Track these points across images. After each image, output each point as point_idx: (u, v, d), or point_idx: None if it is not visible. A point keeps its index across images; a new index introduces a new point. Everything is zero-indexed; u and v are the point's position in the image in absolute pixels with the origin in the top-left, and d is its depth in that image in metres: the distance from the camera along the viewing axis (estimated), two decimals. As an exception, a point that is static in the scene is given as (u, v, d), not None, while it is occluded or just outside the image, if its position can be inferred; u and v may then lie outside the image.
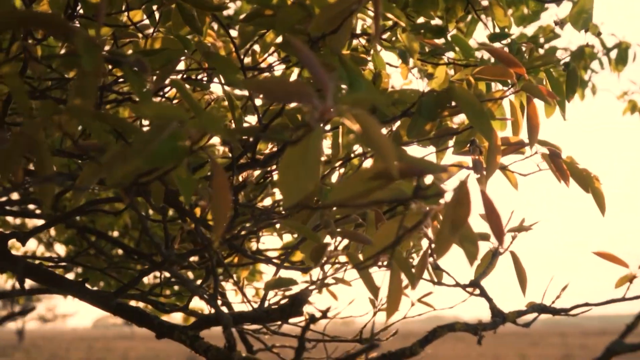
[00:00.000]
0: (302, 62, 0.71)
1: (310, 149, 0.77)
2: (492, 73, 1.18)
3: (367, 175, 0.83)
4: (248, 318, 1.11)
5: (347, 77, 0.98)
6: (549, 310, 1.12)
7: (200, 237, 1.07)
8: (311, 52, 0.71)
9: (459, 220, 0.75)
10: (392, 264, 0.96)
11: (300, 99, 0.70)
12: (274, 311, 1.08)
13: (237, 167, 1.20)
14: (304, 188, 0.78)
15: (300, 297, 1.03)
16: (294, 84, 0.70)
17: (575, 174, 1.42)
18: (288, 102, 1.03)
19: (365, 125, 0.71)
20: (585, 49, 2.69)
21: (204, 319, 1.15)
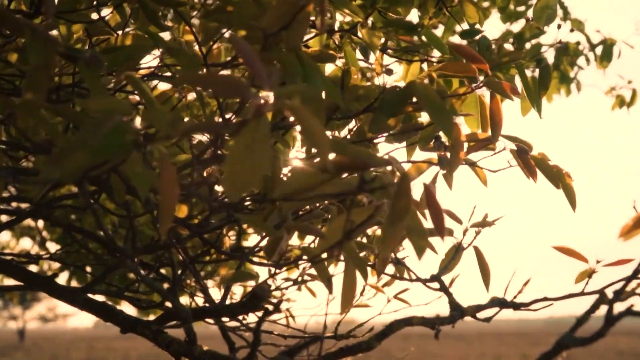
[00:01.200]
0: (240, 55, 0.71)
1: (255, 143, 0.77)
2: (454, 69, 1.19)
3: (313, 169, 0.83)
4: (209, 312, 1.11)
5: (303, 72, 0.99)
6: (509, 305, 1.12)
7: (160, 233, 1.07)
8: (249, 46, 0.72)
9: (400, 213, 0.75)
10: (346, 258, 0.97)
11: (237, 93, 0.70)
12: (235, 305, 1.09)
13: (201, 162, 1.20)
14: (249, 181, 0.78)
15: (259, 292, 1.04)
16: (229, 78, 0.70)
17: (546, 170, 1.42)
18: (225, 96, 1.03)
19: (300, 118, 0.72)
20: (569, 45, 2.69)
21: (167, 313, 1.15)
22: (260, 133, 0.77)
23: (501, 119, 1.23)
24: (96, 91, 0.93)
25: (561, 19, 2.78)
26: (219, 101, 1.20)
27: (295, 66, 0.98)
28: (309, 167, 0.83)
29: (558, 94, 2.92)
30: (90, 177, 0.86)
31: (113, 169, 1.06)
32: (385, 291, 1.86)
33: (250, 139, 0.77)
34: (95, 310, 1.26)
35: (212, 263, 1.73)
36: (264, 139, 0.77)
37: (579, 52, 2.79)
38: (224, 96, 1.01)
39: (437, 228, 0.79)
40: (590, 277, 1.12)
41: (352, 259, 0.95)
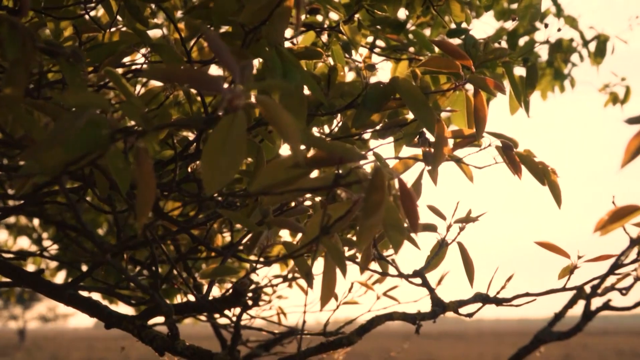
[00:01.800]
0: (212, 50, 0.71)
1: (231, 137, 0.78)
2: (438, 65, 1.19)
3: (289, 163, 0.84)
4: (191, 308, 1.12)
5: (282, 68, 0.99)
6: (492, 301, 1.13)
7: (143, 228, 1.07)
8: (220, 40, 0.72)
9: (373, 207, 0.76)
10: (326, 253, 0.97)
11: (207, 86, 0.71)
12: (217, 301, 1.09)
13: (184, 158, 1.21)
14: (226, 176, 0.79)
15: (239, 287, 1.04)
16: (200, 72, 0.70)
17: (531, 166, 1.42)
18: (196, 89, 1.04)
19: (270, 111, 0.72)
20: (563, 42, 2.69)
21: (150, 309, 1.16)
22: (235, 128, 0.78)
23: (485, 115, 1.23)
24: (75, 86, 0.93)
25: (554, 16, 2.78)
26: (202, 97, 1.21)
27: (275, 62, 0.98)
28: (285, 161, 0.83)
29: (552, 91, 2.92)
30: (70, 172, 0.86)
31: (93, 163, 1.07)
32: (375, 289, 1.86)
33: (226, 134, 0.78)
34: (80, 306, 1.26)
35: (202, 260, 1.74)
36: (239, 133, 0.78)
37: (572, 49, 2.79)
38: (196, 89, 1.01)
39: (410, 222, 0.79)
40: (572, 273, 1.12)
41: (332, 254, 0.95)
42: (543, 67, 2.80)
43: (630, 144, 0.77)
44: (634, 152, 0.77)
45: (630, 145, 0.77)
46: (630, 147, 0.77)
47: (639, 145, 0.77)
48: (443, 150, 1.21)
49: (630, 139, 0.77)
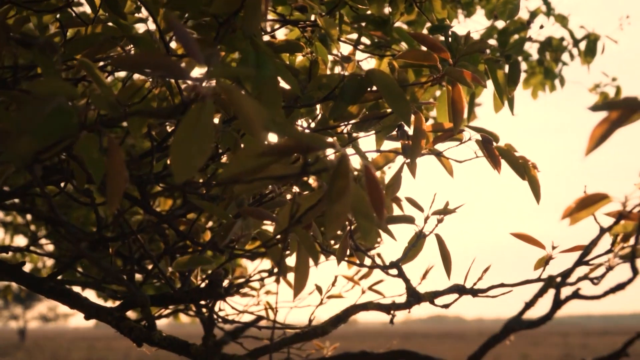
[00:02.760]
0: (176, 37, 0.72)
1: (200, 125, 0.78)
2: (415, 57, 1.19)
3: (258, 151, 0.84)
4: (168, 299, 1.12)
5: (255, 58, 1.00)
6: (468, 291, 1.13)
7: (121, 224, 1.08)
8: (184, 28, 0.73)
9: (337, 194, 0.76)
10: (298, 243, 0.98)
11: (170, 72, 0.71)
12: (193, 292, 1.09)
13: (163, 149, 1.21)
14: (195, 164, 0.79)
15: (214, 278, 1.04)
16: (162, 58, 0.71)
17: (512, 161, 1.43)
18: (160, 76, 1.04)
19: (233, 98, 0.73)
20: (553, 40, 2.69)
21: (128, 300, 1.16)
22: (204, 116, 0.78)
23: (463, 108, 1.24)
24: (48, 75, 0.94)
25: (544, 15, 2.78)
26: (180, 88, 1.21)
27: (248, 52, 0.98)
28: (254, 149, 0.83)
29: (542, 90, 2.92)
30: (41, 161, 0.86)
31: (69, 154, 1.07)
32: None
33: (195, 123, 0.78)
34: (60, 298, 1.27)
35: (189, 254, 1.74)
36: (207, 121, 0.78)
37: (562, 48, 2.79)
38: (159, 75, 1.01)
39: (376, 209, 0.79)
40: (547, 264, 1.12)
41: (304, 244, 0.95)
42: (533, 66, 2.80)
43: (595, 132, 0.77)
44: (598, 139, 0.77)
45: (595, 133, 0.77)
46: (594, 134, 0.77)
47: (603, 132, 0.77)
48: (421, 142, 1.21)
49: (595, 126, 0.77)
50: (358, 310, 1.05)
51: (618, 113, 0.77)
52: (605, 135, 0.77)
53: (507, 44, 2.72)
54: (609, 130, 0.77)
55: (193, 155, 0.79)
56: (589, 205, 0.87)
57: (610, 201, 0.87)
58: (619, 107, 0.77)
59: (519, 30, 2.66)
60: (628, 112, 0.78)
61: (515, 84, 1.57)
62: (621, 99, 0.78)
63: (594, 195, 0.86)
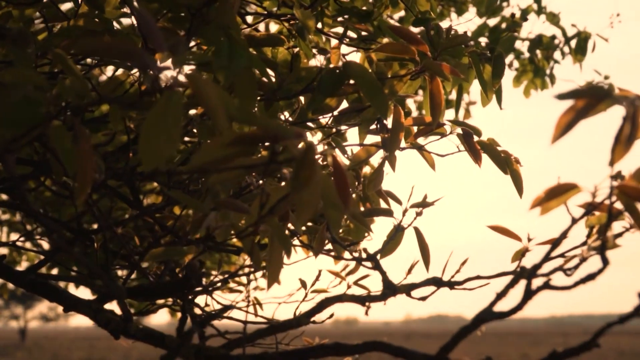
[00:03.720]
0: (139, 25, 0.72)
1: (169, 113, 0.78)
2: (393, 50, 1.19)
3: (226, 141, 0.84)
4: (145, 291, 1.12)
5: (229, 50, 1.00)
6: (444, 284, 1.13)
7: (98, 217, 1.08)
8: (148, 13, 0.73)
9: (302, 183, 0.76)
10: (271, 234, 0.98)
11: (133, 60, 0.71)
12: (168, 284, 1.09)
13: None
14: (163, 153, 0.79)
15: (190, 270, 1.04)
16: (125, 44, 0.71)
17: (494, 155, 1.43)
18: (125, 63, 1.04)
19: (197, 86, 0.73)
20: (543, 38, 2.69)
21: (105, 292, 1.16)
22: (172, 105, 0.78)
23: (441, 101, 1.24)
24: (21, 66, 0.94)
25: (535, 12, 2.78)
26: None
27: (222, 44, 0.98)
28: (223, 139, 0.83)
29: (534, 88, 2.91)
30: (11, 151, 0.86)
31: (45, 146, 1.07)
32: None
33: (163, 111, 0.78)
34: (39, 291, 1.27)
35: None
36: (176, 111, 0.78)
37: (553, 45, 2.79)
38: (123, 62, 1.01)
39: (341, 198, 0.79)
40: (523, 256, 1.12)
41: (277, 235, 0.95)
42: (525, 64, 2.80)
43: (560, 120, 0.77)
44: (563, 128, 0.77)
45: (560, 122, 0.77)
46: (560, 123, 0.77)
47: (569, 121, 0.77)
48: (399, 135, 1.21)
49: (560, 115, 0.77)
50: (333, 302, 1.05)
51: (584, 102, 0.77)
52: (571, 124, 0.77)
53: (498, 41, 2.72)
54: (575, 119, 0.77)
55: (161, 144, 0.79)
56: (559, 195, 0.87)
57: (579, 191, 0.87)
58: (584, 95, 0.77)
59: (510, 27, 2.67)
60: (594, 101, 0.78)
61: (500, 78, 1.57)
62: (587, 87, 0.78)
63: (563, 185, 0.86)
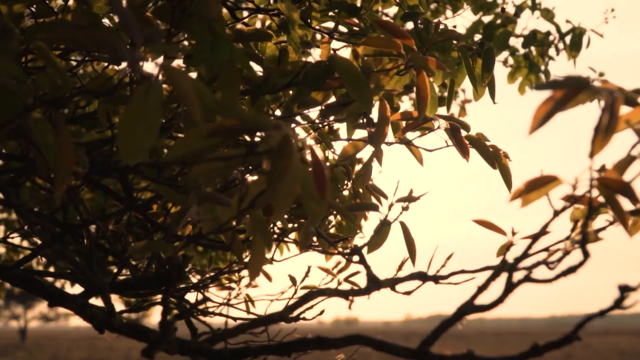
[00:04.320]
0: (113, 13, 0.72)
1: (147, 106, 0.78)
2: (377, 44, 1.19)
3: (205, 132, 0.84)
4: (127, 285, 1.12)
5: (211, 42, 0.99)
6: (429, 278, 1.12)
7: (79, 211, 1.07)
8: (122, 5, 0.72)
9: (278, 174, 0.76)
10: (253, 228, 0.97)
11: (108, 49, 0.71)
12: (151, 278, 1.09)
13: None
14: (143, 145, 0.79)
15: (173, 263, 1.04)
16: (100, 33, 0.71)
17: (482, 149, 1.42)
18: (98, 52, 1.04)
19: (172, 76, 0.72)
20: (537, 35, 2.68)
21: (90, 287, 1.16)
22: (151, 97, 0.78)
23: (427, 95, 1.23)
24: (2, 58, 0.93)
25: (529, 8, 2.77)
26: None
27: (203, 36, 0.98)
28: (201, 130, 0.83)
29: (529, 85, 2.91)
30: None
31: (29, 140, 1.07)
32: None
33: (141, 103, 0.78)
34: (24, 285, 1.26)
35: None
36: (154, 102, 0.78)
37: (547, 42, 2.78)
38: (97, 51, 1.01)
39: (318, 190, 0.79)
40: (508, 250, 1.12)
41: (257, 227, 0.95)
42: (519, 61, 2.79)
43: (538, 112, 0.76)
44: (541, 119, 0.77)
45: (538, 113, 0.77)
46: (537, 114, 0.76)
47: (546, 112, 0.77)
48: (385, 130, 1.21)
49: (538, 106, 0.77)
50: (316, 296, 1.05)
51: (562, 92, 0.77)
52: (550, 114, 0.77)
53: (493, 37, 2.71)
54: (553, 109, 0.77)
55: (141, 136, 0.79)
56: (539, 186, 0.86)
57: (560, 183, 0.87)
58: (563, 86, 0.77)
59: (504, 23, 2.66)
60: (573, 91, 0.77)
61: (490, 72, 1.56)
62: (565, 78, 0.77)
63: (543, 177, 0.86)
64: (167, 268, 1.04)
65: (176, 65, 0.91)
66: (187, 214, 0.97)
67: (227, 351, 1.03)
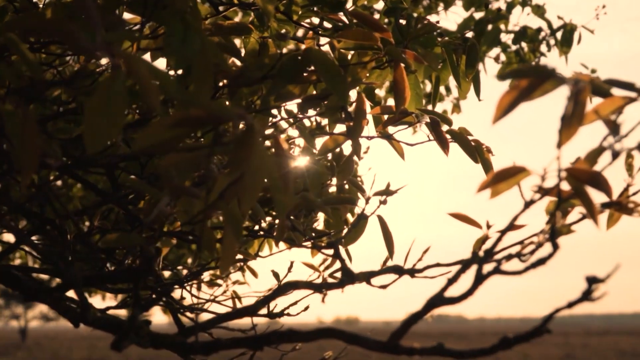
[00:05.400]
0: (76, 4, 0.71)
1: (112, 95, 0.78)
2: (354, 36, 1.18)
3: (169, 123, 0.83)
4: (100, 279, 1.11)
5: (183, 34, 0.99)
6: (405, 272, 1.12)
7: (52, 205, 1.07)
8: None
9: (239, 162, 0.75)
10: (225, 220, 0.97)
11: (65, 38, 0.70)
12: (124, 271, 1.08)
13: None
14: (107, 135, 0.79)
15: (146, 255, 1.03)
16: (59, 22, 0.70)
17: (464, 144, 1.41)
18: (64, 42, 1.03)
19: (129, 64, 0.72)
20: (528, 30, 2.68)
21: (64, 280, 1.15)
22: (115, 86, 0.78)
23: (405, 88, 1.22)
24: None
25: (520, 4, 2.76)
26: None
27: (174, 27, 0.98)
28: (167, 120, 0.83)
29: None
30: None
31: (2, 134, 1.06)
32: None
33: (106, 92, 0.78)
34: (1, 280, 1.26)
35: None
36: (119, 92, 0.78)
37: (537, 38, 2.77)
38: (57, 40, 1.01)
39: (282, 179, 0.78)
40: (483, 243, 1.11)
41: (227, 219, 0.94)
42: (510, 57, 2.78)
43: (502, 101, 0.76)
44: (505, 108, 0.76)
45: (502, 102, 0.76)
46: (501, 103, 0.76)
47: (511, 101, 0.76)
48: (362, 123, 1.20)
49: (502, 95, 0.76)
50: (289, 289, 1.04)
51: (527, 82, 0.76)
52: (514, 104, 0.76)
53: (484, 33, 2.71)
54: (517, 99, 0.76)
55: (105, 126, 0.79)
56: (507, 177, 0.85)
57: (529, 174, 0.86)
58: (527, 75, 0.76)
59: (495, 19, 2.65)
60: (537, 80, 0.77)
61: (474, 68, 1.56)
62: (531, 66, 0.77)
63: (511, 168, 0.85)
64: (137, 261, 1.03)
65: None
66: (157, 205, 0.97)
67: (199, 344, 1.02)
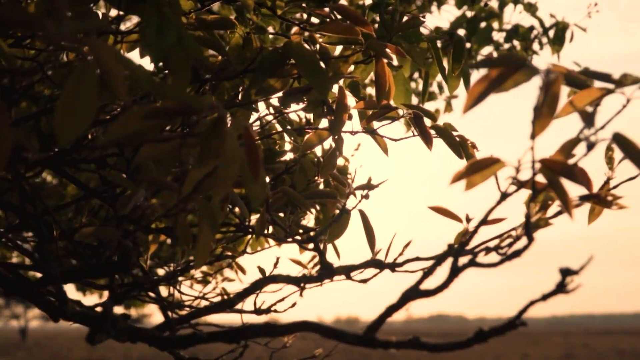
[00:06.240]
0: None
1: (83, 86, 0.77)
2: (335, 30, 1.17)
3: (141, 114, 0.83)
4: (80, 273, 1.11)
5: (158, 25, 0.98)
6: (385, 266, 1.11)
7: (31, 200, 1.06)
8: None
9: (208, 153, 0.75)
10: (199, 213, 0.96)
11: (34, 27, 0.70)
12: (104, 265, 1.08)
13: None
14: (78, 126, 0.78)
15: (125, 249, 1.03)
16: (29, 13, 0.70)
17: (448, 139, 1.41)
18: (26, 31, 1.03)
19: (96, 52, 0.71)
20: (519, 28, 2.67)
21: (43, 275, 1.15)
22: (86, 77, 0.77)
23: (386, 82, 1.22)
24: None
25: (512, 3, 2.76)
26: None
27: (150, 19, 0.97)
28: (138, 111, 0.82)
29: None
30: None
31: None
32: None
33: (77, 84, 0.77)
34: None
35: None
36: (90, 83, 0.77)
37: (529, 36, 2.76)
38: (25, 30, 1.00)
39: (251, 170, 0.78)
40: (464, 237, 1.11)
41: (202, 211, 0.94)
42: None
43: (473, 90, 0.75)
44: (476, 97, 0.76)
45: (473, 91, 0.75)
46: (472, 92, 0.75)
47: (482, 91, 0.76)
48: (343, 117, 1.20)
49: (473, 84, 0.76)
50: (267, 283, 1.04)
51: (498, 71, 0.76)
52: (485, 93, 0.76)
53: (476, 31, 2.70)
54: (488, 88, 0.76)
55: (76, 117, 0.78)
56: (481, 169, 0.85)
57: (503, 166, 0.85)
58: (499, 64, 0.75)
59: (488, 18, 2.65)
60: (509, 70, 0.76)
61: (460, 63, 1.55)
62: (503, 55, 0.76)
63: (485, 160, 0.85)
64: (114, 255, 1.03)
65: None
66: (133, 198, 0.96)
67: (177, 338, 1.02)
